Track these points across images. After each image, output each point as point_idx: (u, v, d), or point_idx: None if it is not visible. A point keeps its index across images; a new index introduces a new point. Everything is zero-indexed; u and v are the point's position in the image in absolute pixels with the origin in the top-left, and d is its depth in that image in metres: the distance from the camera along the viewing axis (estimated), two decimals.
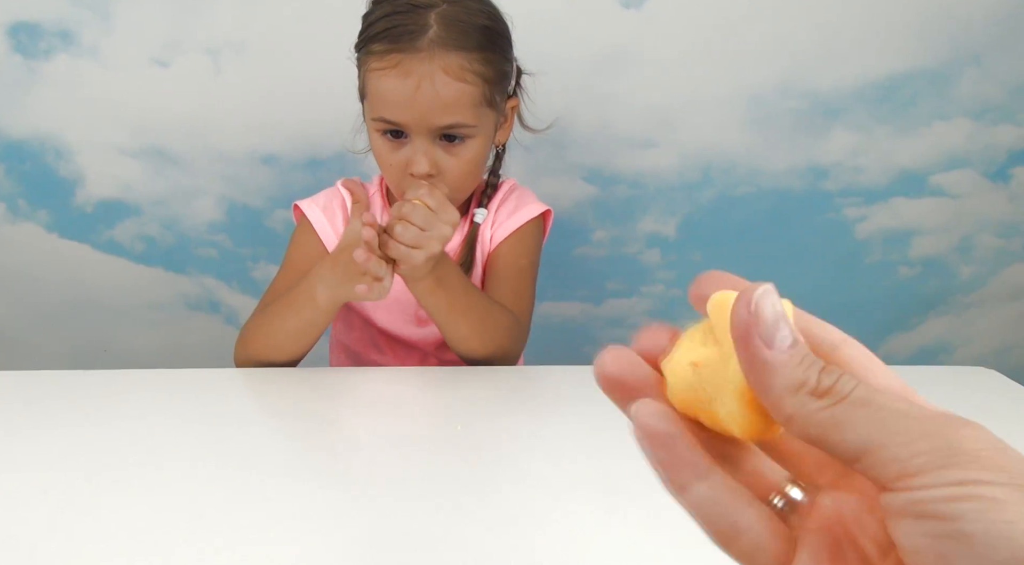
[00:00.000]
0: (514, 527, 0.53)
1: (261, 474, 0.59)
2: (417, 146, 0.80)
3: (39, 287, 1.37)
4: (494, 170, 0.95)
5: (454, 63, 0.77)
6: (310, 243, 0.91)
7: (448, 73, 0.77)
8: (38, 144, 1.26)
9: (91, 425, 0.67)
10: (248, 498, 0.55)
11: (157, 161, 1.28)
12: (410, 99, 0.77)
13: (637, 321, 1.46)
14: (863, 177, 1.34)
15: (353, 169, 1.26)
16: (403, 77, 0.76)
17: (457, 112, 0.78)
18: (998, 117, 1.30)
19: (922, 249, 1.41)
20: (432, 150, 0.80)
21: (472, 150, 0.82)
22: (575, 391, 0.77)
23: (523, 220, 0.93)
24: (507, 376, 0.81)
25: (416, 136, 0.80)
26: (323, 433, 0.65)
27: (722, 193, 1.34)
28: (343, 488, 0.57)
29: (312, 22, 1.17)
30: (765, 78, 1.25)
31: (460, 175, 0.83)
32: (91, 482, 0.57)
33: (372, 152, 0.86)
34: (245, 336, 0.85)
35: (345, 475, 0.59)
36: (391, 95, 0.78)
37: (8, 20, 1.17)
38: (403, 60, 0.76)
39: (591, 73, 1.24)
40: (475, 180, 0.88)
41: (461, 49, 0.77)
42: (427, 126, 0.79)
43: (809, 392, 0.19)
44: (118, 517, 0.53)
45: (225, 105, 1.24)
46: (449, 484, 0.59)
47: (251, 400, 0.73)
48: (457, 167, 0.82)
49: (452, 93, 0.77)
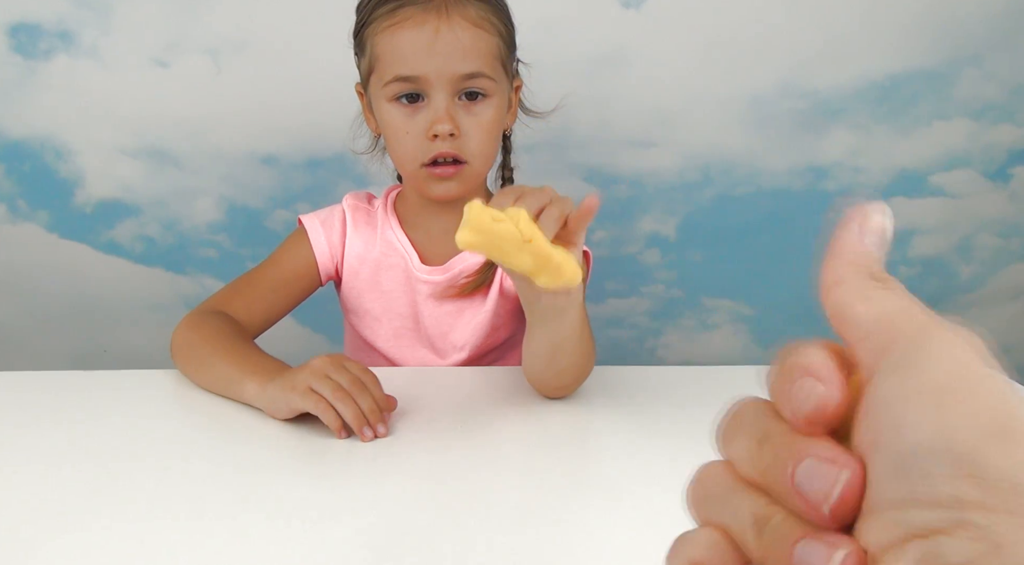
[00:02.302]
0: (515, 526, 0.53)
1: (262, 474, 0.59)
2: (437, 104, 0.75)
3: (39, 287, 1.37)
4: (505, 163, 0.91)
5: (471, 11, 0.75)
6: (299, 250, 0.88)
7: (466, 19, 0.74)
8: (38, 144, 1.26)
9: (91, 425, 0.67)
10: (249, 498, 0.55)
11: (157, 161, 1.28)
12: (429, 47, 0.74)
13: (637, 321, 1.46)
14: (863, 177, 1.34)
15: (353, 170, 1.26)
16: (419, 26, 0.74)
17: (478, 60, 0.75)
18: (998, 117, 1.30)
19: (922, 249, 1.41)
20: (453, 107, 0.76)
21: (492, 110, 0.78)
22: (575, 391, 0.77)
23: None
24: (507, 376, 0.81)
25: (435, 93, 0.76)
26: (324, 433, 0.65)
27: (722, 193, 1.34)
28: (344, 488, 0.57)
29: (312, 22, 1.17)
30: (765, 78, 1.25)
31: (482, 136, 0.78)
32: (91, 482, 0.57)
33: (384, 131, 0.81)
34: (181, 339, 0.78)
35: (346, 475, 0.59)
36: (408, 46, 0.74)
37: (8, 20, 1.17)
38: (415, 12, 0.74)
39: (591, 73, 1.24)
40: (494, 149, 0.83)
41: (475, 0, 0.76)
42: (448, 76, 0.75)
43: (868, 273, 0.21)
44: (118, 517, 0.53)
45: (225, 105, 1.24)
46: (450, 484, 0.59)
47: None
48: (478, 127, 0.77)
49: (472, 39, 0.75)
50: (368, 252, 0.89)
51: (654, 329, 1.47)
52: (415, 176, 0.81)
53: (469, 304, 0.88)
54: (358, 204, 0.91)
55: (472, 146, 0.78)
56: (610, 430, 0.69)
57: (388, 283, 0.89)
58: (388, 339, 0.91)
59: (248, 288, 0.85)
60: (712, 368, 0.83)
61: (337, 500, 0.56)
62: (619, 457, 0.64)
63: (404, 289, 0.88)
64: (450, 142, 0.76)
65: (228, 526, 0.52)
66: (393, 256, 0.88)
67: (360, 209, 0.91)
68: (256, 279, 0.86)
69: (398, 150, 0.80)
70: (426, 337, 0.90)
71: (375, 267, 0.88)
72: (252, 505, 0.55)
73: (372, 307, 0.90)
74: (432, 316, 0.88)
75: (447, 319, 0.88)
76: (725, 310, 1.45)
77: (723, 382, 0.79)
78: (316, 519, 0.53)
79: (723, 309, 1.45)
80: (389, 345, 0.91)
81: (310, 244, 0.87)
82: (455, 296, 0.87)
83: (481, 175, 0.83)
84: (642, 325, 1.46)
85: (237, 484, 0.57)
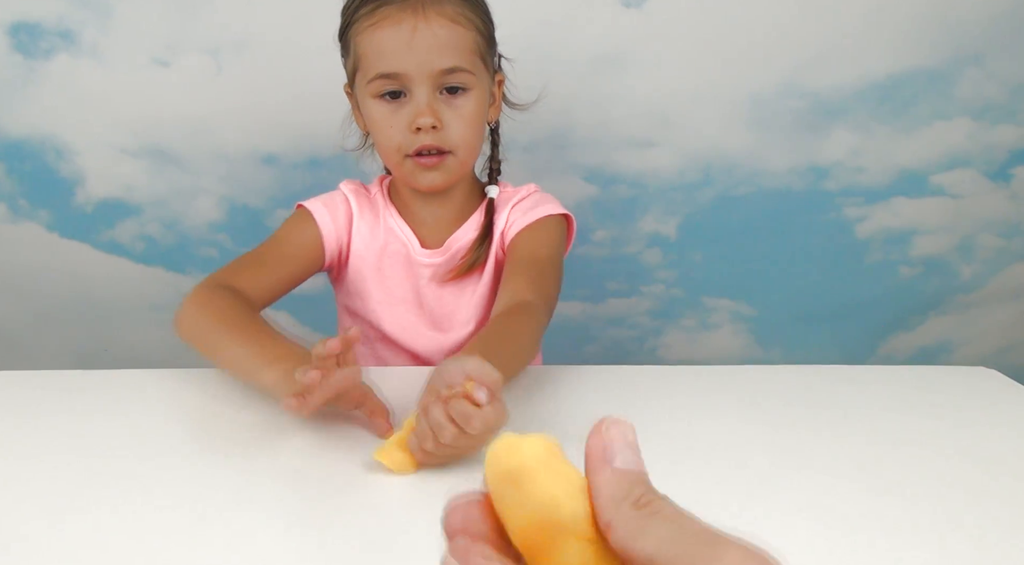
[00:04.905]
0: None
1: (262, 474, 0.59)
2: (418, 99, 0.79)
3: (39, 287, 1.37)
4: (493, 156, 0.93)
5: (448, 7, 0.78)
6: (304, 227, 0.88)
7: (443, 15, 0.78)
8: (39, 144, 1.26)
9: (92, 425, 0.67)
10: (249, 498, 0.55)
11: (158, 161, 1.28)
12: (408, 44, 0.77)
13: (638, 320, 1.46)
14: (864, 177, 1.34)
15: (354, 169, 1.25)
16: (397, 25, 0.77)
17: (456, 55, 0.78)
18: (999, 117, 1.30)
19: (923, 249, 1.41)
20: (434, 101, 0.79)
21: (472, 102, 0.81)
22: (576, 390, 0.77)
23: (539, 216, 0.89)
24: None
25: (416, 88, 0.79)
26: (324, 432, 0.65)
27: (722, 193, 1.34)
28: (345, 488, 0.57)
29: (312, 22, 1.17)
30: (766, 78, 1.25)
31: (463, 128, 0.81)
32: (91, 482, 0.57)
33: (370, 127, 0.84)
34: (189, 316, 0.76)
35: (347, 475, 0.59)
36: (388, 44, 0.77)
37: (9, 20, 1.18)
38: (393, 11, 0.77)
39: (592, 73, 1.24)
40: (478, 139, 0.86)
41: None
42: (428, 70, 0.78)
43: (631, 503, 0.22)
44: (118, 517, 0.53)
45: (226, 105, 1.24)
46: (450, 483, 0.59)
47: (252, 399, 0.73)
48: (459, 118, 0.81)
49: (449, 35, 0.78)
50: (373, 237, 0.91)
51: (655, 329, 1.47)
52: (401, 167, 0.84)
53: (468, 281, 0.91)
54: (359, 190, 0.93)
55: (454, 137, 0.81)
56: None
57: (390, 269, 0.91)
58: (393, 323, 0.92)
59: (254, 263, 0.85)
60: (712, 368, 0.83)
61: (339, 499, 0.56)
62: None
63: (406, 274, 0.91)
64: (433, 134, 0.80)
65: (229, 526, 0.52)
66: (394, 243, 0.90)
67: (361, 195, 0.93)
68: (262, 255, 0.86)
69: (384, 144, 0.83)
70: (430, 318, 0.92)
71: (379, 253, 0.91)
72: (253, 505, 0.54)
73: (375, 290, 0.91)
74: (435, 297, 0.91)
75: (449, 299, 0.91)
76: (726, 310, 1.45)
77: (723, 382, 0.79)
78: (317, 519, 0.53)
79: (723, 309, 1.45)
80: (395, 329, 0.92)
81: (316, 225, 0.88)
82: (454, 278, 0.89)
83: (465, 165, 0.86)
84: (643, 325, 1.46)
85: (238, 484, 0.57)
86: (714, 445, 0.66)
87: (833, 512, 0.55)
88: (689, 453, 0.65)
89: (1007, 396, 0.79)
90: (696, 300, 1.44)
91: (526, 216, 0.89)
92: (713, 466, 0.62)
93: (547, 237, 0.89)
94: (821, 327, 1.47)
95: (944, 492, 0.58)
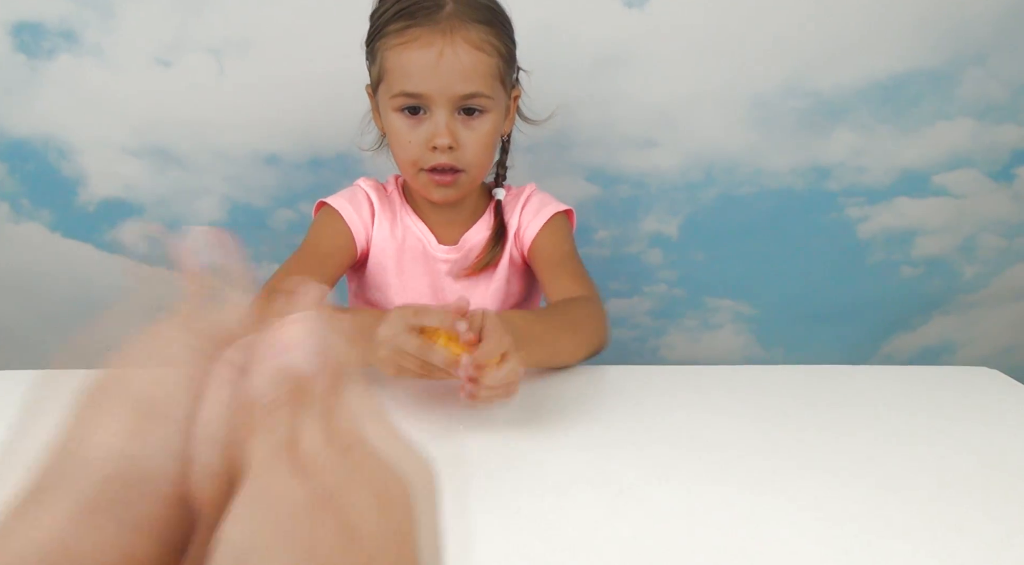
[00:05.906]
0: (515, 525, 0.53)
1: None
2: (438, 119, 0.82)
3: (42, 287, 1.38)
4: (502, 162, 0.97)
5: (473, 34, 0.80)
6: (334, 225, 0.93)
7: (468, 42, 0.80)
8: (41, 144, 1.26)
9: None
10: None
11: (160, 161, 1.28)
12: (433, 68, 0.79)
13: (640, 320, 1.46)
14: (866, 177, 1.34)
15: (354, 170, 1.26)
16: (425, 47, 0.79)
17: (477, 81, 0.81)
18: (1001, 117, 1.30)
19: (925, 249, 1.40)
20: (452, 122, 0.83)
21: (488, 124, 0.85)
22: (576, 390, 0.77)
23: (549, 215, 0.96)
24: None
25: (436, 108, 0.82)
26: None
27: (724, 193, 1.34)
28: None
29: (315, 22, 1.18)
30: (768, 78, 1.25)
31: (478, 149, 0.85)
32: None
33: (388, 136, 0.87)
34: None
35: None
36: (414, 66, 0.80)
37: (11, 19, 1.18)
38: (423, 33, 0.79)
39: (593, 73, 1.24)
40: (489, 158, 0.90)
41: (478, 22, 0.81)
42: (449, 95, 0.81)
43: None
44: None
45: (228, 105, 1.24)
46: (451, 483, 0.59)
47: None
48: (475, 140, 0.84)
49: (473, 62, 0.80)
50: (393, 233, 0.95)
51: (656, 329, 1.47)
52: (416, 179, 0.88)
53: (482, 276, 0.96)
54: (377, 187, 0.97)
55: (469, 157, 0.85)
56: (612, 429, 0.69)
57: (409, 263, 0.95)
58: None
59: (299, 265, 0.89)
60: (714, 367, 0.83)
61: None
62: (621, 456, 0.64)
63: (424, 268, 0.95)
64: (449, 154, 0.84)
65: None
66: (412, 239, 0.95)
67: (380, 192, 0.97)
68: (304, 257, 0.91)
69: (401, 156, 0.87)
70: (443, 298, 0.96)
71: (399, 247, 0.95)
72: None
73: (395, 283, 0.95)
74: (451, 291, 0.96)
75: (465, 294, 0.94)
76: (727, 310, 1.45)
77: (725, 382, 0.79)
78: None
79: (725, 309, 1.45)
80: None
81: (344, 221, 0.92)
82: (469, 275, 0.95)
83: (476, 181, 0.90)
84: (644, 325, 1.46)
85: None
86: (715, 444, 0.66)
87: (835, 512, 0.55)
88: (690, 452, 0.65)
89: (1009, 396, 0.79)
90: (698, 300, 1.44)
91: (537, 216, 0.95)
92: (714, 465, 0.62)
93: (563, 234, 0.96)
94: (823, 327, 1.46)
95: (946, 492, 0.58)
